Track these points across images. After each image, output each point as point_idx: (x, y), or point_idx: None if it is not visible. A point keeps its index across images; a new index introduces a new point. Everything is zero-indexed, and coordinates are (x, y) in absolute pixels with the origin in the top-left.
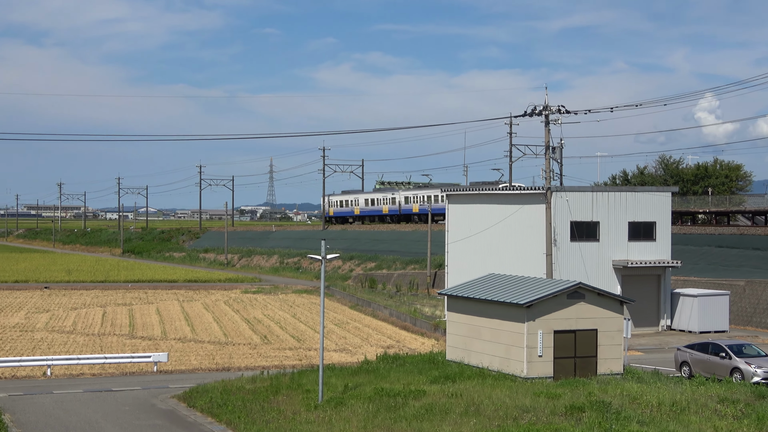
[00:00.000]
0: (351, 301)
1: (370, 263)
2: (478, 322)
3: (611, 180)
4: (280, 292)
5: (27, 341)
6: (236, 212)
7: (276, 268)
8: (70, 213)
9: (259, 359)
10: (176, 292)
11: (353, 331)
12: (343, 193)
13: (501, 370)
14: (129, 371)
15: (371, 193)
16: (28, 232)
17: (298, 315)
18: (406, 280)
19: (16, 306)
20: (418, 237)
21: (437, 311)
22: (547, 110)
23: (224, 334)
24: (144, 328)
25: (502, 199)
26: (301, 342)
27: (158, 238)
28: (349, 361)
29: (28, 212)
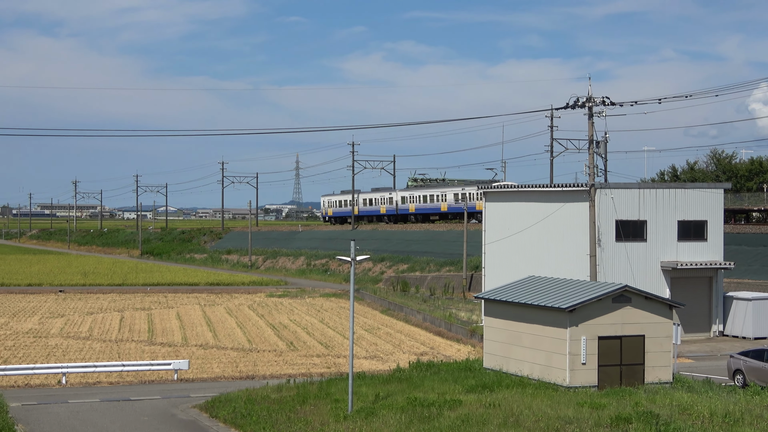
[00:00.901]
0: (382, 306)
1: (402, 265)
2: (518, 327)
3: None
4: (307, 296)
5: (41, 348)
6: (260, 211)
7: (302, 271)
8: (85, 212)
9: (285, 367)
10: (197, 296)
11: (384, 337)
12: (342, 193)
13: (542, 378)
14: (148, 379)
15: (369, 192)
16: (42, 233)
17: (326, 320)
18: (440, 283)
19: (29, 311)
20: (453, 237)
21: (474, 316)
22: (590, 102)
23: (248, 340)
24: (164, 334)
25: (542, 197)
26: (329, 349)
27: (178, 238)
28: (380, 369)
29: (42, 212)
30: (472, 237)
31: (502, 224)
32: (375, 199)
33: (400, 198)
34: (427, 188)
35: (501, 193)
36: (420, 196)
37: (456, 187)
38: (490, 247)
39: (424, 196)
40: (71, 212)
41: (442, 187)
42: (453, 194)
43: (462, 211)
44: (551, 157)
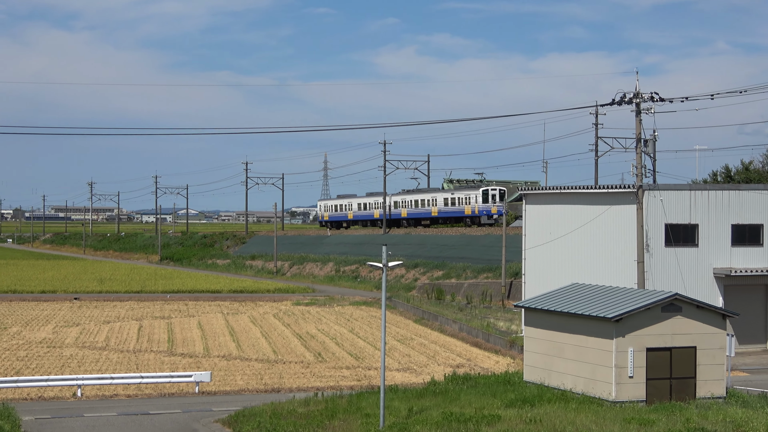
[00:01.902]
0: (416, 314)
1: (437, 271)
2: (560, 338)
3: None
4: (336, 304)
5: (55, 358)
6: (287, 214)
7: (331, 277)
8: (102, 215)
9: (313, 379)
10: (220, 304)
11: (418, 348)
12: (338, 198)
13: (586, 392)
14: (168, 392)
15: (363, 197)
16: (56, 237)
17: (356, 330)
18: (477, 291)
19: (42, 319)
20: (491, 242)
21: (513, 326)
22: (637, 98)
23: (273, 351)
24: (184, 344)
25: (586, 199)
26: (359, 360)
27: (200, 243)
28: (413, 382)
29: (56, 215)
30: (512, 242)
31: (543, 228)
32: (369, 203)
33: (393, 203)
34: (418, 193)
35: (542, 195)
36: (411, 200)
37: (446, 192)
38: (530, 252)
39: (415, 200)
40: (87, 215)
41: (433, 192)
42: (443, 199)
43: (452, 215)
44: (596, 156)
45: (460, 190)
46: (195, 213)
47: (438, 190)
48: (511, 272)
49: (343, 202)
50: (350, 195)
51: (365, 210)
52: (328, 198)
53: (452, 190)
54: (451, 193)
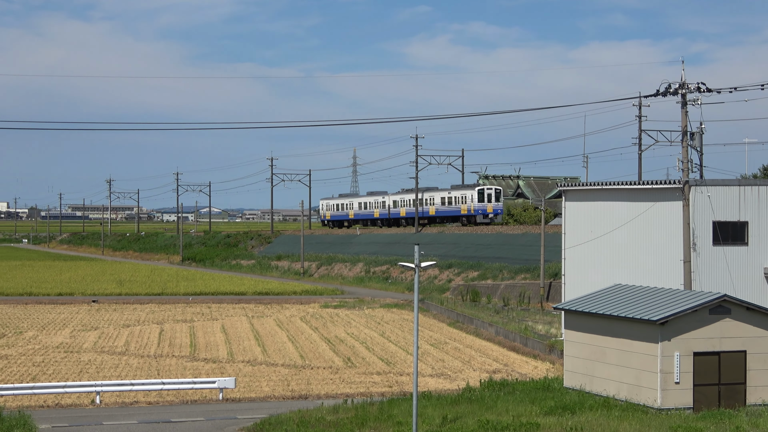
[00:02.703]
0: (450, 317)
1: (472, 272)
2: (602, 342)
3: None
4: (366, 307)
5: (73, 363)
6: (314, 212)
7: (361, 278)
8: (121, 214)
9: (342, 385)
10: (244, 307)
11: (452, 353)
12: (340, 197)
13: (630, 399)
14: (190, 399)
15: (364, 196)
16: (73, 237)
17: (387, 333)
18: (514, 292)
19: (59, 323)
20: (529, 241)
21: (552, 329)
22: (684, 89)
23: (301, 355)
24: (207, 349)
25: (630, 196)
26: (391, 365)
27: (223, 243)
28: (447, 388)
29: (73, 214)
30: (551, 241)
31: (584, 226)
32: (369, 202)
33: (392, 202)
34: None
35: (583, 191)
36: (410, 200)
37: (442, 191)
38: (570, 252)
39: (412, 200)
40: (105, 214)
41: (430, 191)
42: (440, 198)
43: (451, 214)
44: (639, 150)
45: (457, 189)
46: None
47: (435, 190)
48: (550, 273)
49: (344, 201)
50: (352, 194)
51: (366, 209)
52: (330, 197)
53: (449, 190)
54: (448, 192)
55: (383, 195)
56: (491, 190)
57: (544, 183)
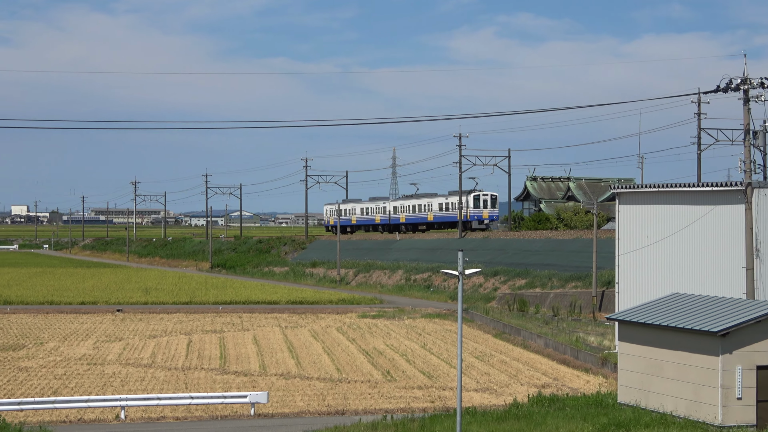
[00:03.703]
0: (495, 328)
1: (520, 280)
2: (659, 354)
3: None
4: (406, 317)
5: (96, 376)
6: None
7: (401, 287)
8: (146, 218)
9: (381, 401)
10: (277, 317)
11: (498, 366)
12: (343, 202)
13: (688, 416)
14: (220, 414)
15: (366, 202)
16: (97, 243)
17: (429, 345)
18: (565, 302)
19: (82, 333)
20: (580, 247)
21: (605, 341)
22: (746, 84)
23: (337, 368)
24: (238, 361)
25: (688, 198)
26: (433, 379)
27: (255, 249)
28: (493, 404)
29: (97, 218)
30: (603, 247)
31: (639, 231)
32: (371, 208)
33: (392, 208)
34: (415, 198)
35: (637, 194)
36: (409, 205)
37: (440, 197)
38: (624, 258)
39: (412, 205)
40: (130, 218)
41: (429, 197)
42: (438, 204)
43: (448, 220)
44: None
45: (454, 195)
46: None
47: (434, 196)
48: (602, 281)
49: (346, 207)
50: (355, 200)
51: (367, 215)
52: (334, 203)
53: (446, 196)
54: (446, 198)
55: (384, 201)
56: (487, 196)
57: (596, 185)
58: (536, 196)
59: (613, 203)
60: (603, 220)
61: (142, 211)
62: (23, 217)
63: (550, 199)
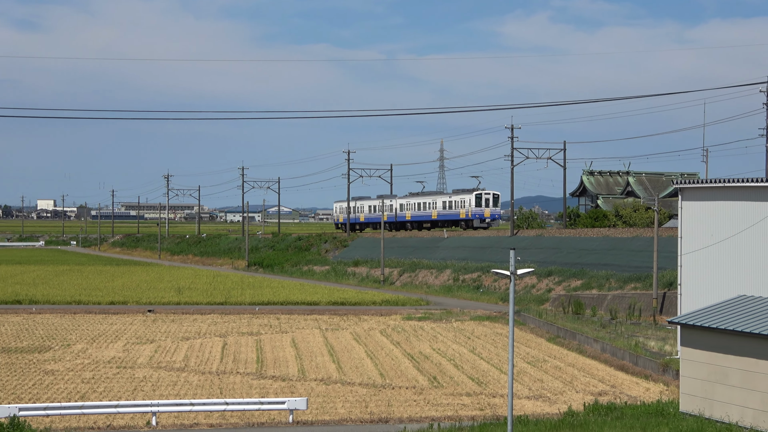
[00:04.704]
0: (549, 332)
1: (575, 281)
2: (724, 361)
3: None
4: (454, 319)
5: (126, 381)
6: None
7: (448, 287)
8: (179, 214)
9: (427, 408)
10: (317, 318)
11: (552, 372)
12: (352, 200)
13: (755, 426)
14: (257, 421)
15: (374, 199)
16: (127, 239)
17: (478, 350)
18: (623, 304)
19: (111, 335)
20: (640, 246)
21: (667, 346)
22: None
23: (380, 374)
24: (276, 365)
25: (757, 194)
26: (482, 386)
27: (294, 246)
28: (547, 412)
29: (127, 213)
30: (665, 246)
31: (703, 229)
32: (377, 206)
33: (399, 205)
34: (420, 196)
35: (702, 189)
36: (415, 203)
37: (444, 195)
38: (687, 258)
39: (418, 203)
40: (162, 214)
41: (433, 195)
42: (442, 202)
43: (451, 218)
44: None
45: (458, 193)
46: (288, 211)
47: (439, 194)
48: (664, 282)
49: (355, 204)
50: (364, 197)
51: (374, 212)
52: (344, 200)
53: (450, 194)
54: (449, 196)
55: (391, 198)
56: (489, 195)
57: (657, 180)
58: (593, 192)
59: (675, 199)
60: (664, 217)
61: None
62: (50, 212)
63: (607, 194)
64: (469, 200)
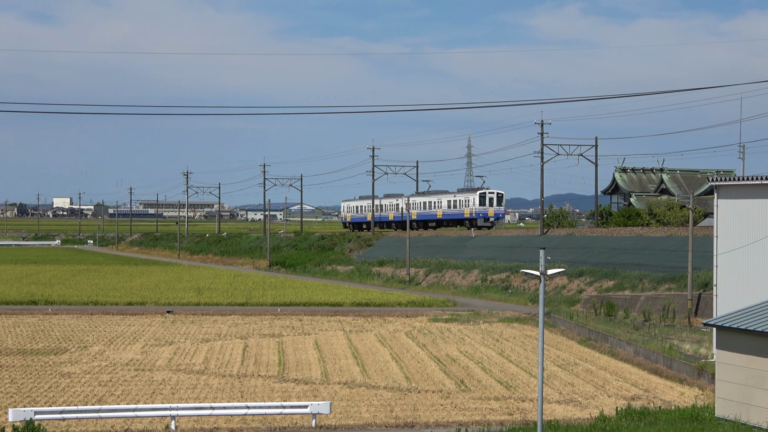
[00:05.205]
0: (580, 334)
1: (607, 281)
2: (762, 364)
3: None
4: (482, 321)
5: (144, 383)
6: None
7: (476, 288)
8: (199, 212)
9: (454, 412)
10: (341, 320)
11: (583, 376)
12: (360, 199)
13: None
14: (278, 425)
15: (381, 198)
16: (145, 238)
17: (507, 352)
18: (657, 306)
19: (129, 336)
20: (674, 245)
21: (702, 349)
22: None
23: (406, 377)
24: (298, 368)
25: None
26: (511, 390)
27: (316, 246)
28: (578, 417)
29: (145, 211)
30: (700, 245)
31: (740, 228)
32: (384, 205)
33: (405, 204)
34: (426, 195)
35: (739, 187)
36: (420, 202)
37: (449, 195)
38: (723, 258)
39: (423, 202)
40: (181, 212)
41: (438, 194)
42: (447, 201)
43: (455, 217)
44: None
45: (462, 192)
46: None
47: (444, 193)
48: (699, 283)
49: (362, 204)
50: (369, 196)
51: (381, 212)
52: (352, 199)
53: (455, 193)
54: (454, 195)
55: (398, 197)
56: (493, 194)
57: (692, 177)
58: (626, 189)
59: (711, 197)
60: (700, 215)
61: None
62: (66, 210)
63: (641, 192)
64: (473, 199)
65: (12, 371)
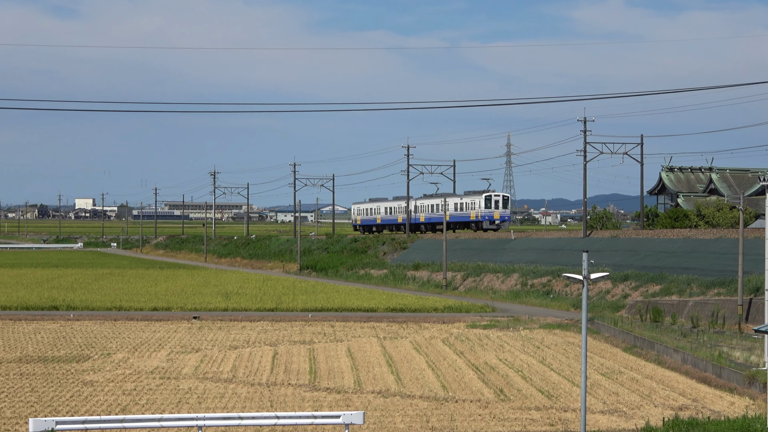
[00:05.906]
0: (625, 341)
1: (653, 286)
2: None
3: None
4: (522, 327)
5: (170, 392)
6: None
7: (516, 293)
8: (227, 213)
9: (493, 423)
10: (375, 326)
11: (629, 385)
12: (370, 201)
13: None
14: None
15: (391, 201)
16: (171, 241)
17: (549, 360)
18: (705, 311)
19: (154, 343)
20: (724, 248)
21: (753, 357)
22: None
23: (442, 386)
24: (330, 376)
25: None
26: (552, 399)
27: (349, 248)
28: (623, 428)
29: (171, 213)
30: (752, 248)
31: None
32: (394, 207)
33: (414, 207)
34: (433, 198)
35: None
36: (428, 205)
37: (455, 197)
38: None
39: (431, 205)
40: (208, 213)
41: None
42: (453, 204)
43: (462, 220)
44: None
45: (469, 195)
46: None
47: (450, 195)
48: (750, 287)
49: (373, 206)
50: (381, 198)
51: (391, 214)
52: (362, 201)
53: (461, 196)
54: (460, 198)
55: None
56: (498, 196)
57: (742, 177)
58: (673, 190)
59: (762, 198)
60: (750, 217)
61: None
62: (89, 211)
63: (688, 192)
64: (479, 202)
65: (33, 379)
